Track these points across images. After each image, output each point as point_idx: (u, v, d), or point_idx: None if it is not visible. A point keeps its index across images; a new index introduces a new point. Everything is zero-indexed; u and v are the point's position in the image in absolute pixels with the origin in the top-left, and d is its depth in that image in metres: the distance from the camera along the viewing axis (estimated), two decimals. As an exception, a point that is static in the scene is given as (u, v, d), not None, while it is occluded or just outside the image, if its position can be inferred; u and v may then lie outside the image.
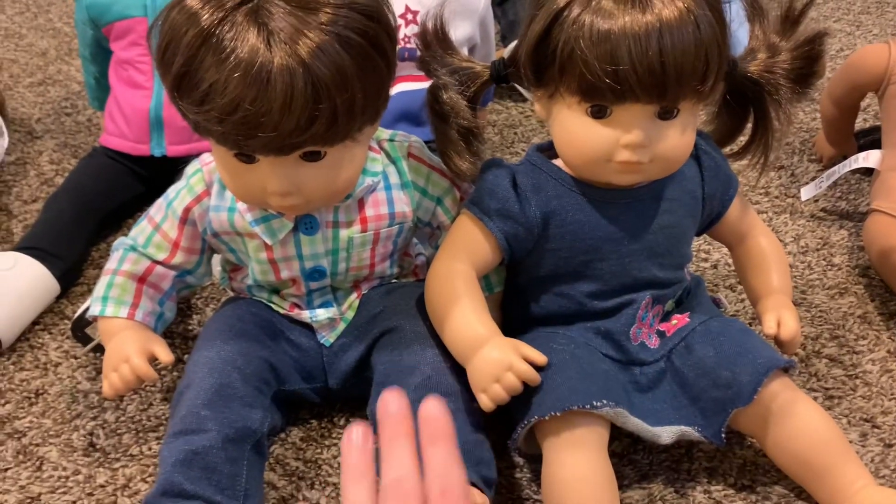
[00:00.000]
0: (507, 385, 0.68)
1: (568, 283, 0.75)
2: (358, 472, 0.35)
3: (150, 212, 0.78)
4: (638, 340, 0.76)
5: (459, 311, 0.72)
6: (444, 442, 0.35)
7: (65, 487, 0.75)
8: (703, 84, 0.66)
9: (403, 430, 0.36)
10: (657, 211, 0.75)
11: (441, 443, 0.35)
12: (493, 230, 0.74)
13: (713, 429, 0.71)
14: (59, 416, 0.82)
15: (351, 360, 0.77)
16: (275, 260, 0.75)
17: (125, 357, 0.72)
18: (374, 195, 0.75)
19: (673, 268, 0.77)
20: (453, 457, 0.35)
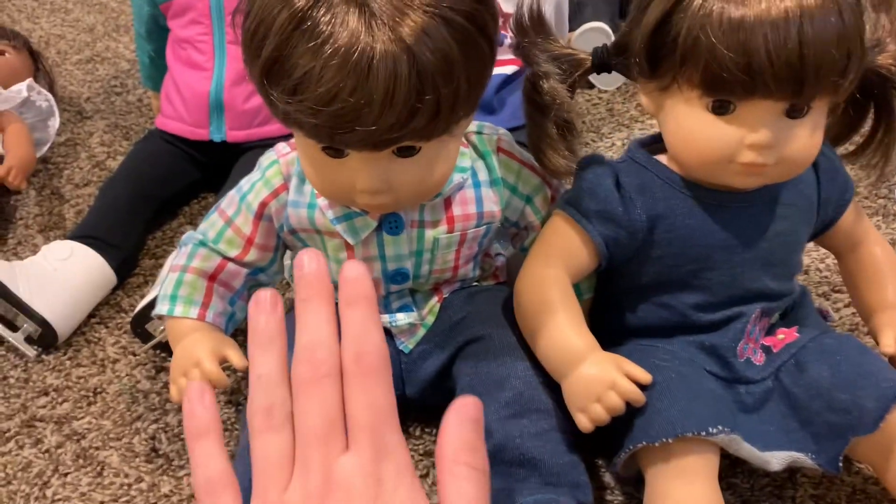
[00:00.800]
0: (608, 405, 0.63)
1: (671, 294, 0.70)
2: (266, 337, 0.32)
3: (222, 205, 0.72)
4: (744, 356, 0.70)
5: (554, 322, 0.66)
6: (364, 304, 0.31)
7: (128, 496, 0.71)
8: (843, 78, 0.60)
9: (319, 291, 0.32)
10: (773, 217, 0.68)
11: (360, 304, 0.31)
12: (592, 234, 0.68)
13: (828, 455, 0.65)
14: (119, 417, 0.78)
15: (431, 369, 0.72)
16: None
17: (196, 361, 0.67)
18: (462, 193, 0.69)
19: (786, 278, 0.71)
20: (373, 320, 0.31)
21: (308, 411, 0.31)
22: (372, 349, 0.31)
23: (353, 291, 0.32)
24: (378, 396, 0.31)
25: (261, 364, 0.31)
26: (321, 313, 0.31)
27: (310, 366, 0.31)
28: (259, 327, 0.32)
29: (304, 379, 0.31)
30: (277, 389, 0.31)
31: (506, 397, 0.66)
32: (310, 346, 0.31)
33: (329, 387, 0.30)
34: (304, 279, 0.32)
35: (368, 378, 0.30)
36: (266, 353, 0.31)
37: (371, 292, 0.32)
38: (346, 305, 0.31)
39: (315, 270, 0.32)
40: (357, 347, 0.31)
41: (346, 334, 0.31)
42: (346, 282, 0.32)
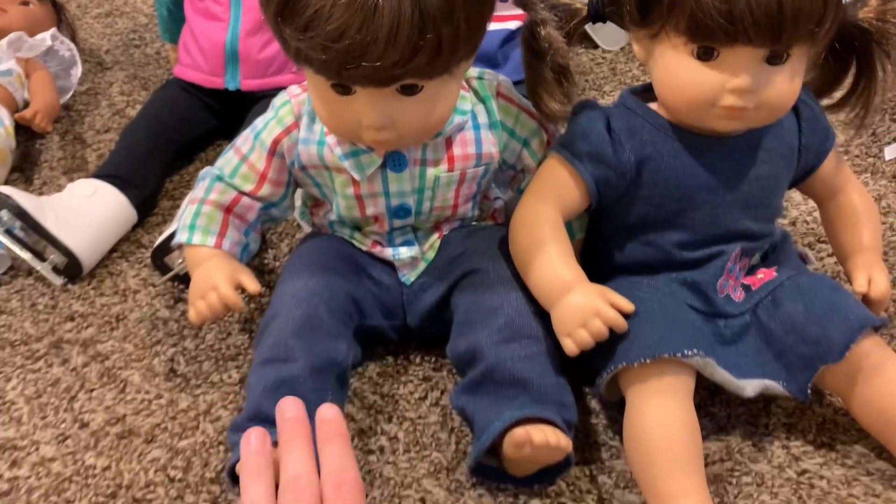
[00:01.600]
0: (593, 330, 0.68)
1: (657, 232, 0.74)
2: (255, 471, 0.38)
3: (237, 143, 0.77)
4: (724, 293, 0.75)
5: (545, 255, 0.71)
6: (339, 440, 0.38)
7: (148, 410, 0.77)
8: (820, 27, 0.63)
9: (300, 433, 0.39)
10: (754, 161, 0.73)
11: (335, 441, 0.38)
12: (584, 174, 0.72)
13: (798, 384, 0.70)
14: (140, 341, 0.84)
15: (430, 300, 0.77)
16: (361, 196, 0.74)
17: (213, 285, 0.72)
18: (463, 134, 0.74)
19: (765, 220, 0.76)
20: (347, 454, 0.38)
21: None
22: (349, 480, 0.37)
23: (329, 430, 0.38)
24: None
25: (252, 491, 0.38)
26: (302, 451, 0.38)
27: (294, 494, 0.36)
28: (250, 463, 0.39)
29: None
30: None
31: (498, 324, 0.71)
32: (294, 479, 0.37)
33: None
34: (285, 424, 0.39)
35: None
36: (256, 484, 0.38)
37: (344, 431, 0.38)
38: (324, 442, 0.38)
39: (294, 416, 0.40)
40: (336, 479, 0.37)
41: (325, 467, 0.38)
42: (323, 423, 0.39)
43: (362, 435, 0.74)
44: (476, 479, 0.70)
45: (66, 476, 0.71)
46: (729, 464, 0.73)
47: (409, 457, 0.73)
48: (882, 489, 0.71)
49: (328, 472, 0.37)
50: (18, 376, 0.80)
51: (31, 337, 0.84)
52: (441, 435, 0.75)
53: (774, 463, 0.73)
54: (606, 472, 0.72)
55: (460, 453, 0.73)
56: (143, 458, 0.72)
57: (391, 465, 0.72)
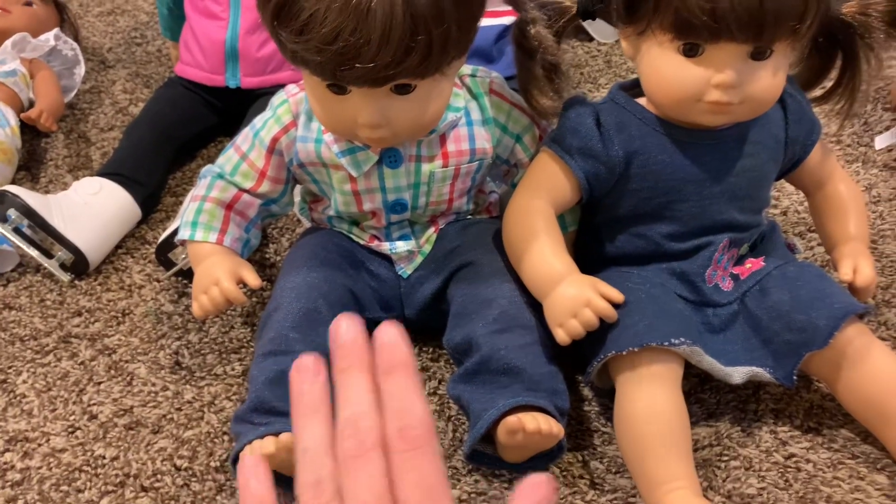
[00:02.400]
0: (583, 320, 0.70)
1: (646, 224, 0.76)
2: (310, 406, 0.32)
3: (237, 141, 0.79)
4: (712, 282, 0.77)
5: (538, 247, 0.73)
6: (403, 371, 0.31)
7: (155, 402, 0.79)
8: (801, 23, 0.65)
9: (357, 360, 0.32)
10: (740, 153, 0.74)
11: (399, 372, 0.31)
12: (574, 169, 0.74)
13: (784, 370, 0.72)
14: (146, 335, 0.86)
15: (427, 292, 0.79)
16: (358, 192, 0.76)
17: (215, 280, 0.74)
18: (456, 131, 0.76)
19: (752, 211, 0.78)
20: (413, 388, 0.31)
21: (357, 487, 0.30)
22: (416, 422, 0.30)
23: (390, 358, 0.31)
24: (427, 473, 0.30)
25: (306, 437, 0.31)
26: (361, 383, 0.31)
27: (355, 440, 0.30)
28: (303, 396, 0.32)
29: (351, 454, 0.30)
30: (324, 462, 0.31)
31: (493, 315, 0.73)
32: (353, 419, 0.30)
33: (375, 461, 0.30)
34: (341, 348, 0.32)
35: (415, 453, 0.30)
36: (310, 425, 0.31)
37: (408, 357, 0.31)
38: (385, 374, 0.31)
39: (352, 339, 0.32)
40: (400, 421, 0.30)
41: (388, 406, 0.31)
42: (382, 347, 0.31)
43: (362, 424, 0.76)
44: (472, 466, 0.73)
45: (76, 466, 0.73)
46: (718, 448, 0.75)
47: (407, 444, 0.75)
48: (867, 472, 0.73)
49: (391, 412, 0.30)
50: (29, 370, 0.82)
51: (40, 332, 0.87)
52: (438, 423, 0.77)
53: (762, 447, 0.75)
54: (598, 457, 0.74)
55: (457, 441, 0.75)
56: (151, 448, 0.75)
57: (390, 453, 0.74)
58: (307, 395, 0.32)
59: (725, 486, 0.72)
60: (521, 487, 0.31)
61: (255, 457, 0.33)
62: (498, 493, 0.71)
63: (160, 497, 0.71)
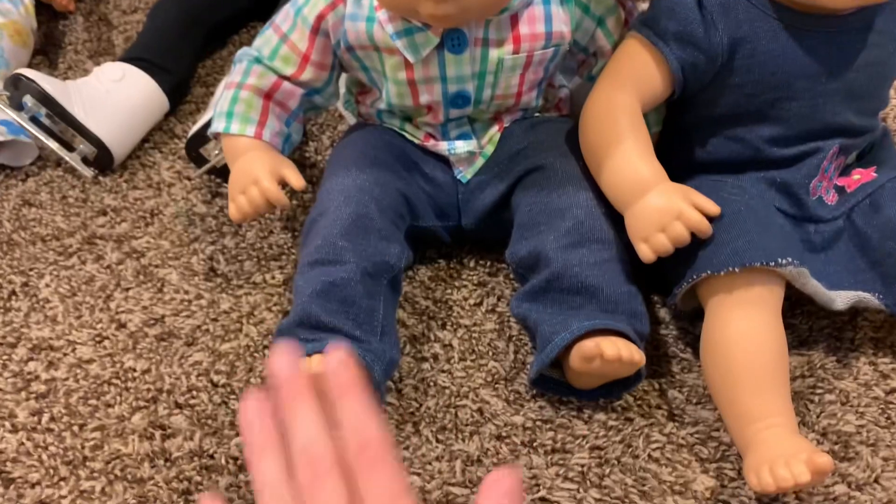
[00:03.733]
0: (673, 235, 0.61)
1: (746, 126, 0.66)
2: (260, 445, 0.33)
3: (276, 20, 0.69)
4: (816, 195, 0.67)
5: (621, 150, 0.64)
6: (353, 393, 0.33)
7: (188, 311, 0.72)
8: None
9: (299, 391, 0.33)
10: (864, 44, 0.63)
11: (349, 394, 0.32)
12: (669, 57, 0.64)
13: (895, 296, 0.64)
14: (177, 238, 0.79)
15: (488, 199, 0.71)
16: (415, 81, 0.67)
17: (254, 179, 0.66)
18: (531, 10, 0.65)
19: (870, 113, 0.67)
20: (365, 408, 0.32)
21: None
22: (372, 437, 0.32)
23: (341, 380, 0.33)
24: (389, 483, 0.31)
25: (262, 472, 0.32)
26: (307, 412, 0.32)
27: (310, 467, 0.31)
28: (253, 438, 0.33)
29: (309, 481, 0.31)
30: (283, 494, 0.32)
31: (566, 226, 0.65)
32: (306, 448, 0.32)
33: (333, 483, 0.31)
34: (283, 386, 0.33)
35: (375, 467, 0.31)
36: (264, 461, 0.32)
37: (356, 378, 0.33)
38: (339, 396, 0.32)
39: (287, 372, 0.33)
40: (358, 439, 0.32)
41: (345, 426, 0.32)
42: (332, 372, 0.33)
43: (414, 342, 0.70)
44: (537, 391, 0.66)
45: (105, 379, 0.67)
46: (811, 380, 0.67)
47: (464, 365, 0.68)
48: None
49: (349, 432, 0.32)
50: (52, 273, 0.76)
51: (62, 231, 0.80)
52: (498, 343, 0.70)
53: (861, 380, 0.67)
54: (677, 386, 0.67)
55: (519, 363, 0.68)
56: (185, 361, 0.69)
57: (446, 374, 0.67)
58: (255, 434, 0.33)
59: (820, 423, 0.64)
60: (485, 482, 0.32)
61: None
62: (566, 422, 0.64)
63: (196, 415, 0.65)
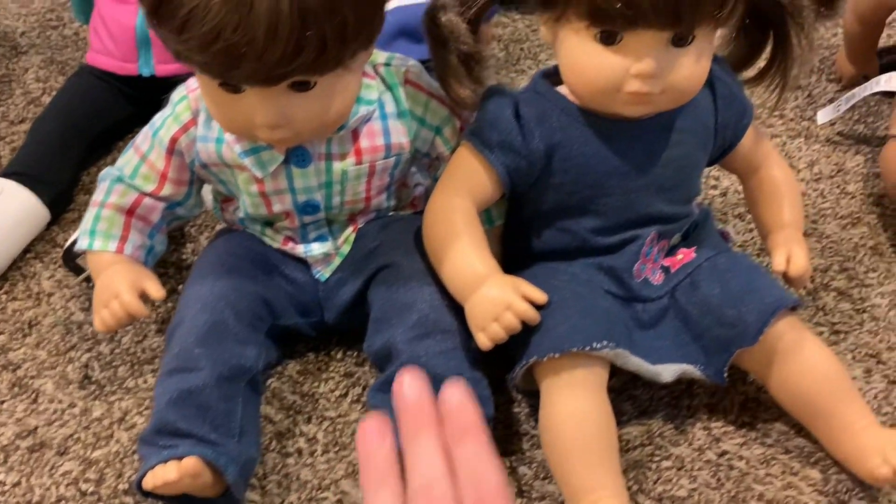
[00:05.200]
0: (505, 324, 0.67)
1: (571, 219, 0.73)
2: (379, 474, 0.31)
3: (137, 141, 0.74)
4: (641, 277, 0.74)
5: (458, 248, 0.69)
6: (474, 436, 0.31)
7: (61, 420, 0.75)
8: (722, 9, 0.61)
9: (426, 422, 0.31)
10: (667, 143, 0.71)
11: (469, 438, 0.31)
12: (494, 163, 0.70)
13: (715, 367, 0.70)
14: (54, 347, 0.81)
15: (347, 296, 0.76)
16: (266, 193, 0.72)
17: (115, 293, 0.70)
18: (370, 125, 0.71)
19: (681, 202, 0.75)
20: (486, 454, 0.31)
21: None
22: (492, 491, 0.30)
23: (460, 423, 0.31)
24: None
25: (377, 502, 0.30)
26: (431, 449, 0.30)
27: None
28: (370, 462, 0.31)
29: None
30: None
31: (413, 320, 0.70)
32: (425, 488, 0.30)
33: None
34: (406, 412, 0.31)
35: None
36: (380, 492, 0.30)
37: (478, 420, 0.31)
38: (457, 440, 0.31)
39: (416, 399, 0.31)
40: (476, 491, 0.30)
41: (462, 474, 0.30)
42: (451, 412, 0.31)
43: (280, 437, 0.73)
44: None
45: (-26, 494, 0.69)
46: (649, 448, 0.73)
47: (327, 457, 0.72)
48: (799, 467, 0.71)
49: (465, 480, 0.30)
50: (-73, 389, 0.78)
51: (-62, 348, 0.82)
52: (361, 432, 0.73)
53: (695, 445, 0.73)
54: (527, 462, 0.72)
55: (380, 451, 0.72)
56: (55, 471, 0.71)
57: (309, 468, 0.71)
58: (374, 463, 0.31)
59: (656, 489, 0.70)
60: None
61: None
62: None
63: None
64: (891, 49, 1.14)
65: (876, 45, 1.11)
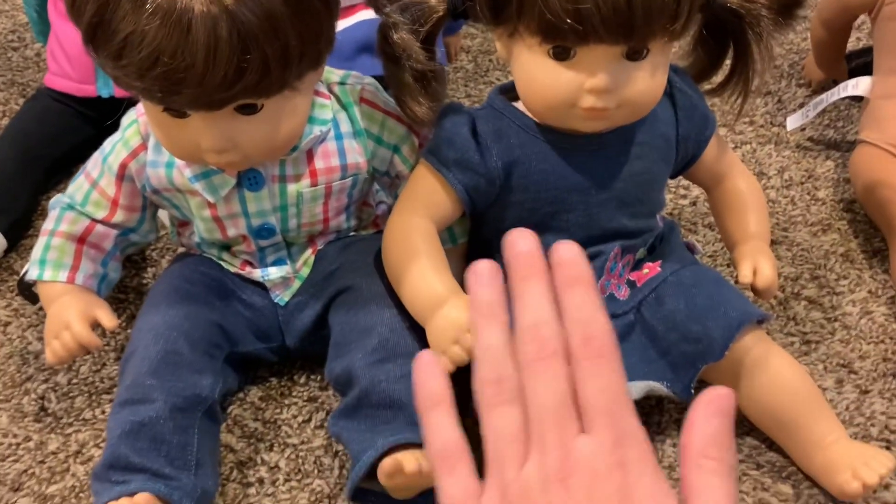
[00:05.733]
0: (466, 346, 0.65)
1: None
2: (489, 309, 0.31)
3: (87, 167, 0.73)
4: (606, 292, 0.73)
5: (417, 269, 0.68)
6: (584, 286, 0.31)
7: (15, 455, 0.73)
8: (675, 22, 0.60)
9: (536, 270, 0.31)
10: (627, 157, 0.70)
11: (579, 286, 0.31)
12: (452, 182, 0.69)
13: (682, 384, 0.69)
14: (10, 379, 0.79)
15: (307, 320, 0.74)
16: (219, 217, 0.70)
17: (66, 324, 0.68)
18: (324, 146, 0.70)
19: (644, 216, 0.73)
20: (594, 301, 0.30)
21: (539, 389, 0.30)
22: (599, 332, 0.30)
23: (570, 273, 0.31)
24: (612, 381, 0.30)
25: (486, 335, 0.31)
26: (540, 292, 0.31)
27: (536, 344, 0.30)
28: (480, 299, 0.31)
29: (532, 357, 0.30)
30: (505, 362, 0.30)
31: (372, 344, 0.68)
32: (534, 325, 0.30)
33: (557, 366, 0.30)
34: (518, 258, 0.32)
35: (599, 361, 0.30)
36: (490, 325, 0.31)
37: (588, 273, 0.31)
38: (566, 287, 0.31)
39: (528, 249, 0.32)
40: (584, 330, 0.30)
41: (570, 317, 0.30)
42: (561, 264, 0.31)
43: (241, 466, 0.71)
44: (359, 506, 0.68)
45: (-77, 536, 0.67)
46: (618, 468, 0.71)
47: (289, 486, 0.70)
48: (771, 482, 0.70)
49: (573, 322, 0.30)
50: None
51: None
52: (325, 460, 0.72)
53: (665, 463, 0.72)
54: (494, 486, 0.70)
55: (344, 478, 0.70)
56: (9, 509, 0.69)
57: (270, 497, 0.69)
58: (485, 299, 0.32)
59: (624, 510, 0.68)
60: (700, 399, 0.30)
61: (431, 354, 0.33)
62: (385, 535, 0.66)
63: (16, 565, 0.65)
64: (859, 53, 1.14)
65: (843, 50, 1.11)
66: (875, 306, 0.85)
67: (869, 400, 0.76)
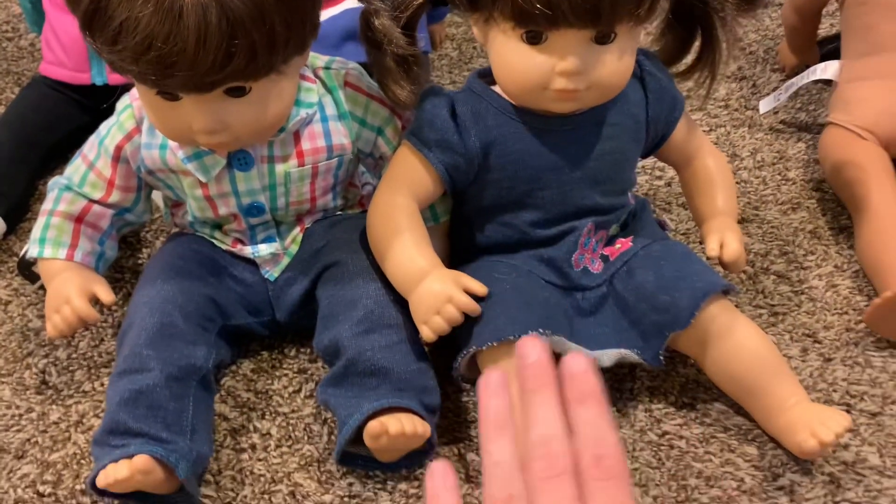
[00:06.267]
0: (447, 316, 0.69)
1: (511, 213, 0.75)
2: (499, 421, 0.32)
3: (84, 149, 0.76)
4: (580, 266, 0.76)
5: (400, 245, 0.72)
6: (594, 402, 0.31)
7: (18, 425, 0.76)
8: (639, 7, 0.64)
9: (546, 381, 0.32)
10: (599, 137, 0.74)
11: (590, 402, 0.31)
12: (433, 162, 0.73)
13: (652, 351, 0.73)
14: (11, 354, 0.83)
15: (296, 294, 0.78)
16: (211, 197, 0.74)
17: (66, 298, 0.72)
18: (311, 127, 0.74)
19: (615, 194, 0.77)
20: (605, 419, 0.31)
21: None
22: (610, 452, 0.30)
23: (582, 388, 0.31)
24: (619, 500, 0.30)
25: (496, 451, 0.31)
26: (551, 405, 0.31)
27: (546, 461, 0.30)
28: (490, 410, 0.32)
29: (542, 475, 0.30)
30: (514, 479, 0.31)
31: (358, 315, 0.72)
32: (544, 440, 0.31)
33: (566, 485, 0.30)
34: (528, 369, 0.32)
35: (609, 483, 0.30)
36: (500, 438, 0.31)
37: (599, 388, 0.32)
38: (577, 402, 0.31)
39: (538, 360, 0.32)
40: (595, 449, 0.30)
41: (581, 433, 0.31)
42: (573, 377, 0.32)
43: (235, 434, 0.75)
44: (345, 469, 0.72)
45: (-68, 501, 0.71)
46: (592, 432, 0.75)
47: (281, 451, 0.74)
48: (737, 444, 0.74)
49: (585, 439, 0.31)
50: None
51: None
52: (314, 427, 0.76)
53: (637, 427, 0.76)
54: (475, 449, 0.74)
55: (332, 444, 0.74)
56: (13, 475, 0.72)
57: (262, 462, 0.73)
58: (494, 410, 0.32)
59: (598, 470, 0.72)
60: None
61: (444, 465, 0.33)
62: (371, 496, 0.70)
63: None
64: (831, 39, 1.18)
65: (815, 35, 1.14)
66: (840, 280, 0.89)
67: (832, 367, 0.80)
